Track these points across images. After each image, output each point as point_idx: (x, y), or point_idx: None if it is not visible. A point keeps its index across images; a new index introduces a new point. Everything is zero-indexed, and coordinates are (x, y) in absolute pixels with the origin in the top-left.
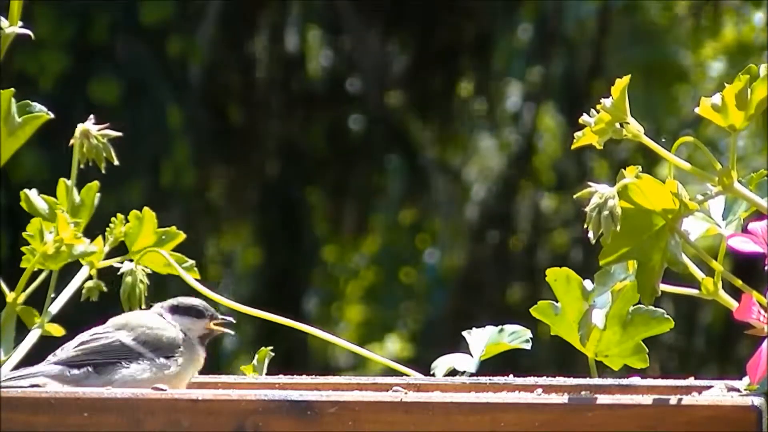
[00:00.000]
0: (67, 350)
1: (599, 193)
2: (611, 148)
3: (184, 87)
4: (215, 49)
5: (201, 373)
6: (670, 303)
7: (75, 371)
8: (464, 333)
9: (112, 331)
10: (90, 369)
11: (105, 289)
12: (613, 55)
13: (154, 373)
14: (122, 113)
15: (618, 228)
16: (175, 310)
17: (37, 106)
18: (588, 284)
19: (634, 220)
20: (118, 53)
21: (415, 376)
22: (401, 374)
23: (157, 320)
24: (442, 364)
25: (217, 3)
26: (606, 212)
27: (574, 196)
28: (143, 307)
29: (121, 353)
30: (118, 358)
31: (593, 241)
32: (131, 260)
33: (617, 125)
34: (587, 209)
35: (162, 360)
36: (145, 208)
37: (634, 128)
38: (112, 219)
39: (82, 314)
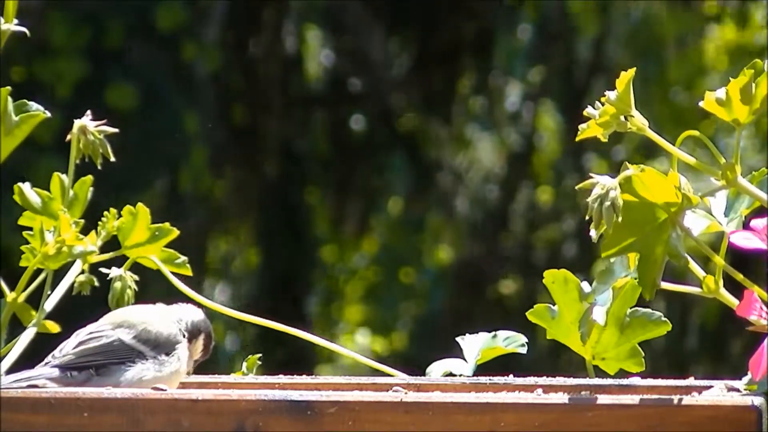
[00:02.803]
0: (67, 351)
1: (601, 184)
2: (610, 149)
3: (198, 91)
4: (221, 51)
5: (201, 373)
6: (662, 303)
7: (76, 374)
8: (458, 339)
9: (111, 329)
10: (92, 371)
11: (97, 283)
12: (612, 57)
13: (158, 372)
14: (139, 119)
15: (619, 219)
16: (190, 333)
17: (34, 105)
18: (586, 286)
19: (636, 213)
20: (133, 59)
21: (415, 377)
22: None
23: (156, 316)
24: (437, 369)
25: (223, 4)
26: (608, 203)
27: (576, 187)
28: None
29: (123, 353)
30: (119, 358)
31: (596, 235)
32: (124, 256)
33: (622, 118)
34: (589, 200)
35: (163, 357)
36: (139, 204)
37: (639, 121)
38: (105, 213)
39: (77, 310)
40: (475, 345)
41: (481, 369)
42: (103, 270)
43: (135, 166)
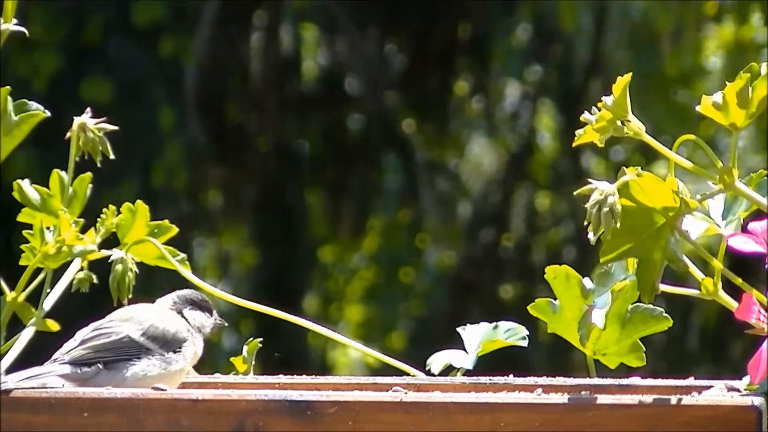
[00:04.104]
0: (74, 347)
1: (599, 189)
2: (608, 150)
3: (177, 88)
4: (211, 49)
5: (201, 373)
6: (663, 304)
7: (85, 369)
8: (459, 329)
9: (118, 325)
10: (100, 366)
11: (96, 280)
12: (610, 57)
13: (164, 369)
14: (115, 113)
15: (618, 225)
16: (192, 305)
17: (33, 105)
18: (587, 282)
19: (635, 218)
20: (111, 54)
21: (417, 377)
22: (401, 373)
23: (163, 314)
24: (437, 361)
25: (214, 4)
26: (606, 209)
27: (575, 193)
28: (131, 296)
29: (131, 349)
30: (127, 354)
31: (593, 239)
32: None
33: (618, 123)
34: (587, 206)
35: (170, 355)
36: (138, 201)
37: (635, 126)
38: (104, 210)
39: (75, 308)
40: (476, 336)
41: (485, 365)
42: (105, 252)
43: (112, 162)
